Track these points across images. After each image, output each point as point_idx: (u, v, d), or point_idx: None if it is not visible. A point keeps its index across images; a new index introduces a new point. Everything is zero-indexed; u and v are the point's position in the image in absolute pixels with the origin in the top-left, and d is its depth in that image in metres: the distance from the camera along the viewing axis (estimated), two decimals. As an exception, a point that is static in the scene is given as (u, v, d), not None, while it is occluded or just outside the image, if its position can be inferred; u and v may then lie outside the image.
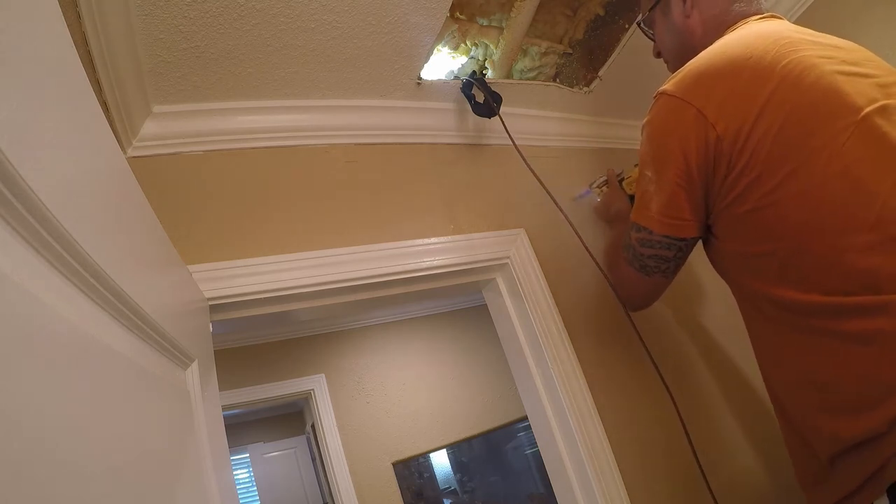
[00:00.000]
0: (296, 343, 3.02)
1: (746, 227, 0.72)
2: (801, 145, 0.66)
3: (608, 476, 1.03)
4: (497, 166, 1.32)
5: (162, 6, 0.79)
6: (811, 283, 0.65)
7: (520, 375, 1.17)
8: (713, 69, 0.73)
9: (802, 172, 0.65)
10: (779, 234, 0.68)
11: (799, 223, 0.66)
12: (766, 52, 0.70)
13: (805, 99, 0.67)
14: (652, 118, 0.79)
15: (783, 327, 0.69)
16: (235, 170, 1.02)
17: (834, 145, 0.64)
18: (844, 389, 0.62)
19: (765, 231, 0.70)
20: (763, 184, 0.68)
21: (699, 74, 0.73)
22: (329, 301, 1.01)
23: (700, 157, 0.72)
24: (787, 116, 0.66)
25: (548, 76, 1.39)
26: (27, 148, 0.29)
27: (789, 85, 0.67)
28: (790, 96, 0.67)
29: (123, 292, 0.42)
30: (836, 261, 0.63)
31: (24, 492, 0.25)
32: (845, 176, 0.64)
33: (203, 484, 0.58)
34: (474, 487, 3.84)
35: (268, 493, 3.95)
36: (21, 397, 0.26)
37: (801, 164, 0.65)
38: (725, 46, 0.75)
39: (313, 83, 1.05)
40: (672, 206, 0.77)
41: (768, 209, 0.68)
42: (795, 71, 0.68)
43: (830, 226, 0.64)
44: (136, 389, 0.45)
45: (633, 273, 0.89)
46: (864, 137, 0.64)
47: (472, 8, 1.16)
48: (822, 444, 0.66)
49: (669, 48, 0.93)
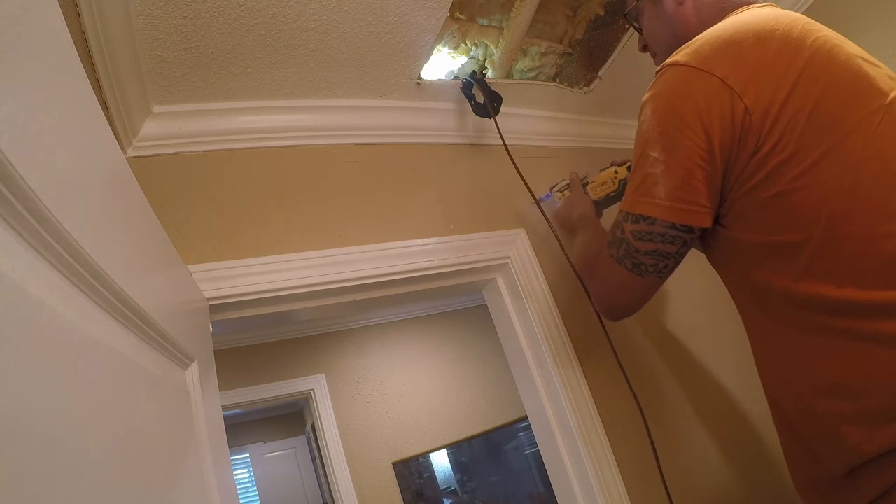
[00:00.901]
0: (296, 343, 3.02)
1: (771, 214, 0.64)
2: (837, 125, 0.61)
3: (608, 476, 1.03)
4: (497, 166, 1.32)
5: (162, 6, 0.79)
6: (844, 276, 0.58)
7: (520, 375, 1.17)
8: (737, 38, 0.65)
9: (837, 153, 0.60)
10: (810, 221, 0.61)
11: (833, 209, 0.59)
12: (793, 27, 0.66)
13: (839, 76, 0.63)
14: (659, 91, 0.69)
15: (799, 329, 0.63)
16: (235, 170, 1.02)
17: (868, 126, 0.60)
18: (877, 396, 0.55)
19: (794, 217, 0.62)
20: (796, 164, 0.61)
21: (720, 43, 0.66)
22: (329, 301, 1.01)
23: (725, 133, 0.63)
24: (823, 92, 0.61)
25: (548, 76, 1.39)
26: (27, 148, 0.29)
27: (822, 60, 0.63)
28: (824, 73, 0.62)
29: (123, 292, 0.42)
30: (873, 249, 0.57)
31: (23, 492, 0.25)
32: (880, 159, 0.59)
33: (203, 484, 0.58)
34: (474, 487, 3.84)
35: (268, 493, 3.95)
36: (21, 397, 0.26)
37: (837, 144, 0.60)
38: (742, 21, 0.68)
39: (313, 83, 1.05)
40: (687, 188, 0.66)
41: (800, 192, 0.61)
42: (826, 47, 0.64)
43: (866, 211, 0.58)
44: (135, 389, 0.45)
45: (622, 273, 0.77)
46: (895, 121, 0.61)
47: (472, 8, 1.16)
48: (841, 455, 0.59)
49: (660, 39, 0.86)
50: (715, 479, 1.20)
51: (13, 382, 0.26)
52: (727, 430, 1.28)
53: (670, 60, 0.69)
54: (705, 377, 1.34)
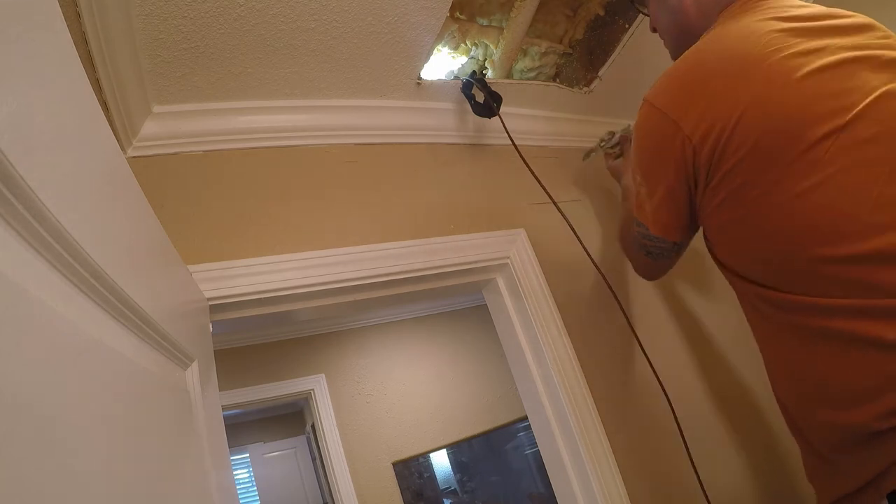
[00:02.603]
0: (296, 343, 3.02)
1: (730, 235, 0.73)
2: (779, 157, 0.64)
3: (608, 476, 1.03)
4: (497, 166, 1.32)
5: (162, 6, 0.79)
6: (797, 288, 0.65)
7: (520, 375, 1.17)
8: (692, 77, 0.72)
9: (781, 185, 0.64)
10: (760, 245, 0.68)
11: (778, 236, 0.66)
12: (749, 54, 0.68)
13: (786, 106, 0.64)
14: (637, 127, 0.80)
15: (775, 324, 0.70)
16: (235, 170, 1.02)
17: (813, 155, 0.62)
18: (837, 385, 0.62)
19: (747, 239, 0.70)
20: (745, 194, 0.68)
21: (679, 84, 0.73)
22: (329, 301, 1.01)
23: (680, 171, 0.73)
24: (764, 128, 0.65)
25: (548, 76, 1.39)
26: (27, 148, 0.29)
27: (774, 89, 0.65)
28: (770, 103, 0.65)
29: (123, 292, 0.42)
30: (819, 271, 0.62)
31: (24, 491, 0.25)
32: (826, 186, 0.62)
33: (203, 484, 0.58)
34: (474, 487, 3.84)
35: (268, 493, 3.95)
36: (20, 397, 0.26)
37: (778, 178, 0.64)
38: (707, 49, 0.73)
39: (313, 83, 1.05)
40: (660, 212, 0.79)
41: (751, 219, 0.68)
42: (784, 69, 0.65)
43: (808, 240, 0.63)
44: (135, 389, 0.45)
45: (641, 255, 0.91)
46: (848, 145, 0.62)
47: (472, 8, 1.16)
48: (822, 434, 0.65)
49: (664, 27, 0.91)
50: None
51: (13, 382, 0.26)
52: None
53: (646, 96, 0.78)
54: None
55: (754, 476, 1.25)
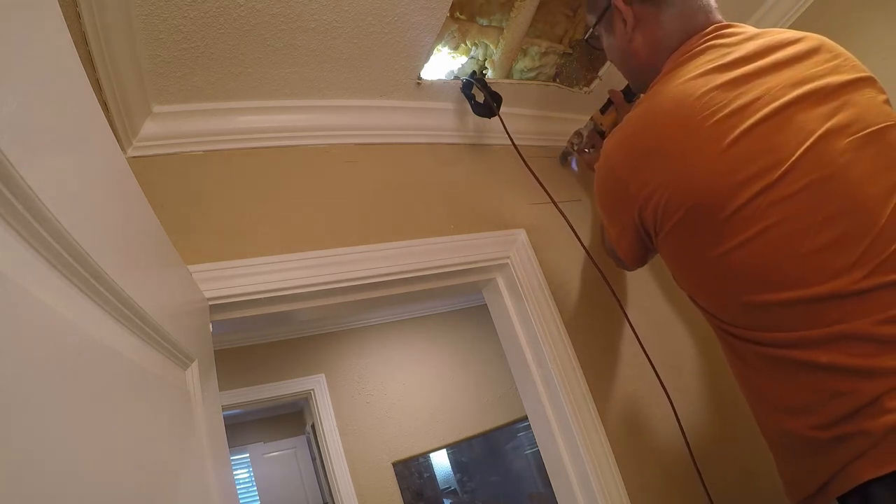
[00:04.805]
0: (296, 343, 3.02)
1: (678, 277, 0.80)
2: (712, 217, 0.67)
3: (608, 476, 1.03)
4: (497, 166, 1.32)
5: (162, 6, 0.79)
6: (739, 322, 0.71)
7: (520, 375, 1.17)
8: (638, 143, 0.76)
9: (715, 241, 0.68)
10: (703, 290, 0.76)
11: (716, 284, 0.72)
12: (684, 125, 0.69)
13: (713, 176, 0.66)
14: (597, 168, 0.84)
15: (727, 345, 0.76)
16: (235, 170, 1.02)
17: (747, 211, 0.65)
18: (787, 399, 0.68)
19: (693, 284, 0.77)
20: (684, 250, 0.74)
21: (629, 147, 0.77)
22: (329, 301, 1.01)
23: (632, 221, 0.79)
24: (693, 199, 0.68)
25: (548, 76, 1.39)
26: (27, 148, 0.29)
27: (703, 160, 0.67)
28: (698, 177, 0.67)
29: (123, 292, 0.42)
30: (752, 313, 0.67)
31: (24, 492, 0.25)
32: (757, 242, 0.65)
33: (203, 484, 0.58)
34: (474, 487, 3.84)
35: (268, 493, 3.95)
36: (21, 397, 0.26)
37: (712, 239, 0.68)
38: (652, 112, 0.75)
39: (313, 83, 1.05)
40: (622, 242, 0.86)
41: (692, 270, 0.75)
42: (711, 141, 0.67)
43: (742, 289, 0.67)
44: (135, 389, 0.45)
45: (613, 260, 1.01)
46: (778, 200, 0.64)
47: (472, 8, 1.16)
48: (782, 441, 0.71)
49: (618, 64, 0.93)
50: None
51: (13, 382, 0.26)
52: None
53: (605, 143, 0.82)
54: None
55: (755, 474, 1.25)
